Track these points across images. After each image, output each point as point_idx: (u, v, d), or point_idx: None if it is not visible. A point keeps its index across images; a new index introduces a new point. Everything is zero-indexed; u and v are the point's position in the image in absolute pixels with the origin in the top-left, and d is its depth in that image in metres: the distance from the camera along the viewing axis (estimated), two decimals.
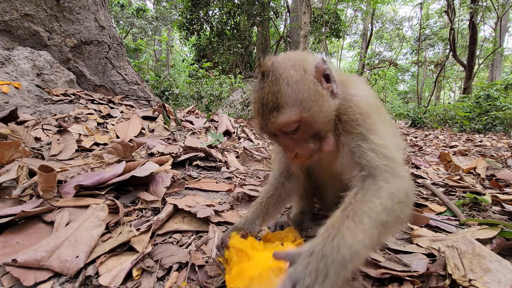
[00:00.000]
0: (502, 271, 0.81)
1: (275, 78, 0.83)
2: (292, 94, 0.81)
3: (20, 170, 1.31)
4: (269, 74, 0.84)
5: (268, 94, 0.82)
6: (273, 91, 0.82)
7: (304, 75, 0.85)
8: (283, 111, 0.81)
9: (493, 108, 9.51)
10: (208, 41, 13.96)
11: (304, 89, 0.83)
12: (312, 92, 0.83)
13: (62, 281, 0.81)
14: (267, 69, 0.85)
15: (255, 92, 0.87)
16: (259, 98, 0.84)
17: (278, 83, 0.82)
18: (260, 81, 0.86)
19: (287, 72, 0.83)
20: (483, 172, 2.34)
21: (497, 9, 15.95)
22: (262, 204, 1.07)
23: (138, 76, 4.82)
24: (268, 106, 0.82)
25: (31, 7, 3.49)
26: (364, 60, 22.02)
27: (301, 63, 0.87)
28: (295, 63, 0.86)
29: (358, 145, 0.83)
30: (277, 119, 0.82)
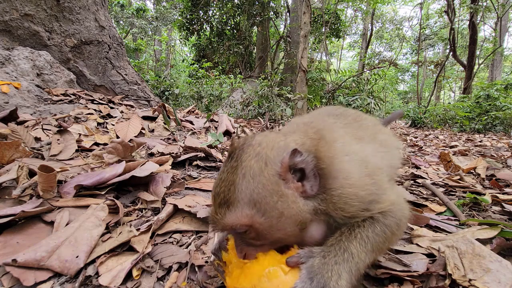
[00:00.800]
0: (502, 271, 0.81)
1: (236, 165, 0.68)
2: (246, 190, 0.66)
3: (20, 170, 1.31)
4: (233, 157, 0.70)
5: (223, 183, 0.68)
6: (228, 181, 0.67)
7: (264, 169, 0.67)
8: (232, 210, 0.66)
9: (493, 108, 9.51)
10: (208, 41, 13.97)
11: (259, 187, 0.66)
12: (268, 193, 0.66)
13: (62, 281, 0.81)
14: (235, 149, 0.71)
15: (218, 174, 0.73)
16: (215, 184, 0.71)
17: (236, 172, 0.67)
18: (225, 162, 0.73)
19: (248, 161, 0.68)
20: (483, 172, 2.34)
21: (497, 9, 15.94)
22: None
23: (138, 76, 4.82)
24: (219, 198, 0.68)
25: (31, 7, 3.49)
26: (364, 60, 22.02)
27: (266, 151, 0.70)
28: (260, 151, 0.70)
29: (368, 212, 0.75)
30: (224, 217, 0.67)
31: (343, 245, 0.68)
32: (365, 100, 8.46)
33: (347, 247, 0.68)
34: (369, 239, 0.70)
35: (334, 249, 0.67)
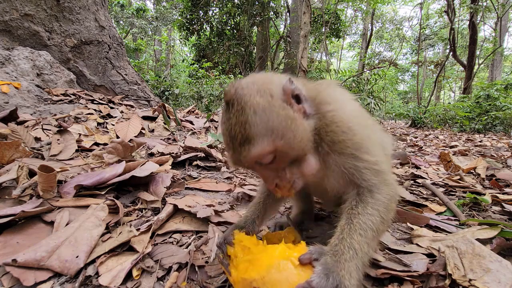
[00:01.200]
0: (502, 271, 0.81)
1: (241, 107, 0.75)
2: (261, 123, 0.74)
3: (20, 170, 1.31)
4: (234, 103, 0.76)
5: (236, 126, 0.74)
6: (240, 122, 0.74)
7: (272, 100, 0.77)
8: (255, 143, 0.74)
9: (493, 108, 9.51)
10: (208, 41, 13.97)
11: (273, 116, 0.75)
12: (282, 118, 0.76)
13: (62, 281, 0.81)
14: (231, 97, 0.77)
15: (222, 124, 0.80)
16: (227, 131, 0.77)
17: (245, 112, 0.74)
18: (225, 111, 0.79)
19: (253, 99, 0.76)
20: (483, 172, 2.34)
21: (497, 9, 15.95)
22: (260, 204, 1.07)
23: (138, 76, 4.82)
24: (238, 138, 0.75)
25: (31, 7, 3.49)
26: (364, 60, 22.02)
27: (266, 87, 0.79)
28: (260, 87, 0.78)
29: (355, 166, 0.83)
30: (249, 153, 0.74)
31: (346, 243, 0.73)
32: (365, 100, 8.46)
33: (351, 244, 0.73)
34: (368, 226, 0.76)
35: (340, 248, 0.72)
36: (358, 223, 0.76)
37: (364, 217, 0.77)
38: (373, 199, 0.81)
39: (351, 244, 0.73)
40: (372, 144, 0.87)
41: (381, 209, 0.79)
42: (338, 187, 0.88)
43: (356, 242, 0.73)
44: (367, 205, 0.80)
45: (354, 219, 0.77)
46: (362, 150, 0.84)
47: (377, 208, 0.79)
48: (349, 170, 0.83)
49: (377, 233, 0.77)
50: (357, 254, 0.71)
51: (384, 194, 0.82)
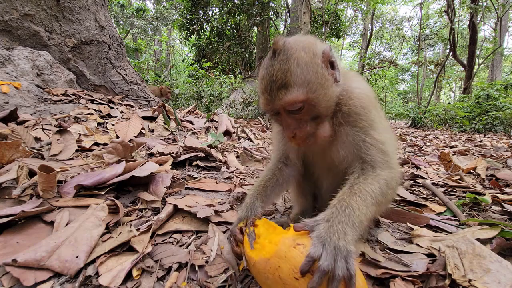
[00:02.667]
0: (502, 271, 0.81)
1: (286, 58, 0.85)
2: (301, 74, 0.85)
3: (20, 170, 1.31)
4: (280, 52, 0.86)
5: (278, 72, 0.85)
6: (283, 70, 0.84)
7: (313, 58, 0.88)
8: (291, 90, 0.84)
9: (493, 108, 9.50)
10: (208, 41, 13.96)
11: (312, 71, 0.86)
12: (319, 75, 0.87)
13: (62, 281, 0.81)
14: (279, 47, 0.87)
15: (264, 69, 0.89)
16: (268, 75, 0.87)
17: (289, 62, 0.85)
18: (270, 58, 0.88)
19: (298, 53, 0.86)
20: (483, 172, 2.34)
21: (497, 9, 15.94)
22: (260, 186, 1.10)
23: (138, 76, 4.82)
24: (277, 83, 0.85)
25: (31, 7, 3.49)
26: (364, 60, 22.02)
27: (311, 46, 0.90)
28: (305, 45, 0.89)
29: (363, 140, 0.92)
30: (284, 96, 0.85)
31: (344, 203, 0.78)
32: None
33: (349, 203, 0.78)
34: (368, 192, 0.82)
35: (336, 209, 0.77)
36: (359, 189, 0.83)
37: (365, 185, 0.84)
38: (375, 173, 0.88)
39: (349, 203, 0.78)
40: (382, 127, 0.96)
41: (381, 183, 0.86)
42: (344, 158, 0.96)
43: (355, 202, 0.78)
44: (368, 176, 0.87)
45: (355, 186, 0.84)
46: (373, 127, 0.93)
47: (378, 180, 0.86)
48: (357, 143, 0.92)
49: (375, 202, 0.82)
50: (354, 212, 0.76)
51: (386, 172, 0.89)
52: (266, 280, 0.74)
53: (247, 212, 1.00)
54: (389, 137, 0.98)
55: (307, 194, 1.33)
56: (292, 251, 0.70)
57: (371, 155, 0.91)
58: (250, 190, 1.11)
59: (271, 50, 0.89)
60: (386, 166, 0.91)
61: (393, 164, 0.93)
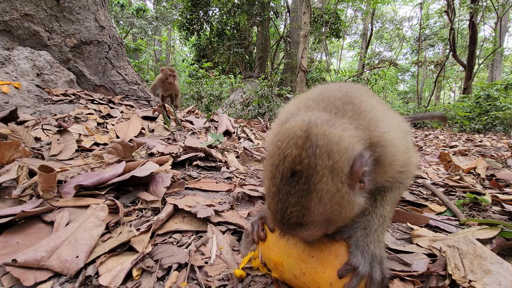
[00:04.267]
0: (503, 273, 0.81)
1: (307, 188, 0.63)
2: (322, 213, 0.66)
3: (20, 170, 1.31)
4: (302, 177, 0.63)
5: (294, 207, 0.64)
6: (301, 205, 0.64)
7: (341, 187, 0.65)
8: (308, 229, 0.67)
9: (493, 108, 9.51)
10: (208, 41, 13.97)
11: (336, 206, 0.66)
12: (344, 208, 0.68)
13: (62, 281, 0.81)
14: (302, 169, 0.63)
15: (275, 187, 0.67)
16: (280, 203, 0.66)
17: (310, 196, 0.63)
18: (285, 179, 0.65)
19: (323, 184, 0.63)
20: (483, 172, 2.34)
21: (497, 9, 15.94)
22: None
23: (138, 76, 4.82)
24: (291, 220, 0.66)
25: (31, 7, 3.49)
26: (364, 60, 22.01)
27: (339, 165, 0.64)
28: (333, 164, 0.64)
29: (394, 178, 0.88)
30: (298, 234, 0.69)
31: (379, 212, 0.83)
32: None
33: (382, 213, 0.84)
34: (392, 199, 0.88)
35: (371, 217, 0.82)
36: (389, 197, 0.88)
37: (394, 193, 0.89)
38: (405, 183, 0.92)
39: (382, 213, 0.83)
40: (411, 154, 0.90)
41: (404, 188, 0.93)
42: None
43: (386, 211, 0.85)
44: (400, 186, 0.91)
45: (387, 193, 0.88)
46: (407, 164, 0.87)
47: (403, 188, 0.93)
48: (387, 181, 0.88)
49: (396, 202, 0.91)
50: (385, 220, 0.83)
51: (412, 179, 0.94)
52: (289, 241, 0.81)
53: None
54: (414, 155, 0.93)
55: None
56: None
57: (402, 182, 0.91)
58: None
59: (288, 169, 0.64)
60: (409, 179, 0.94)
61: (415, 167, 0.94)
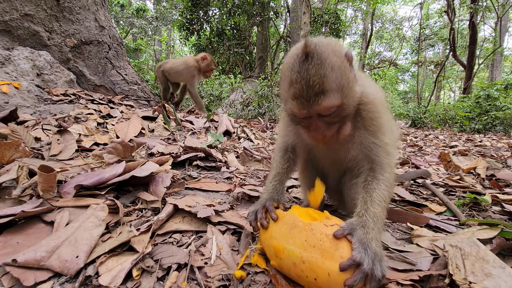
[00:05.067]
0: (504, 277, 0.80)
1: (320, 62, 0.83)
2: (336, 79, 0.84)
3: (20, 170, 1.31)
4: (314, 56, 0.84)
5: (315, 77, 0.82)
6: (319, 74, 0.82)
7: (343, 61, 0.88)
8: (329, 95, 0.84)
9: (493, 108, 9.50)
10: (208, 41, 13.95)
11: (343, 75, 0.86)
12: (349, 79, 0.88)
13: (62, 281, 0.81)
14: (312, 50, 0.84)
15: (296, 73, 0.85)
16: (303, 79, 0.83)
17: (324, 67, 0.83)
18: (302, 61, 0.85)
19: (331, 57, 0.85)
20: (483, 172, 2.34)
21: (497, 9, 15.94)
22: (283, 174, 1.20)
23: (138, 76, 4.82)
24: (314, 88, 0.83)
25: (31, 7, 3.49)
26: (364, 60, 22.01)
27: (338, 49, 0.89)
28: (334, 48, 0.88)
29: (373, 143, 0.98)
30: (322, 102, 0.84)
31: (371, 213, 0.88)
32: None
33: (375, 212, 0.88)
34: (382, 199, 0.92)
35: (366, 217, 0.87)
36: (377, 196, 0.92)
37: (380, 192, 0.93)
38: (384, 177, 0.97)
39: (374, 213, 0.88)
40: (389, 130, 1.03)
41: (388, 186, 0.96)
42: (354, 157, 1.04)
43: (378, 211, 0.89)
44: (379, 181, 0.96)
45: (372, 193, 0.93)
46: (382, 131, 0.99)
47: (387, 184, 0.96)
48: (368, 145, 0.99)
49: (386, 204, 0.94)
50: (378, 220, 0.87)
51: (391, 174, 0.99)
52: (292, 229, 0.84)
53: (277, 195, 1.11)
54: (393, 139, 1.06)
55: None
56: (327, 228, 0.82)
57: (379, 156, 0.98)
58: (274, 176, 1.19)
59: (302, 53, 0.85)
60: (389, 166, 0.99)
61: (393, 163, 1.02)
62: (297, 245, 0.80)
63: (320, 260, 0.76)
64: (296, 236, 0.82)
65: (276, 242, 0.86)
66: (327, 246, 0.78)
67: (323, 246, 0.77)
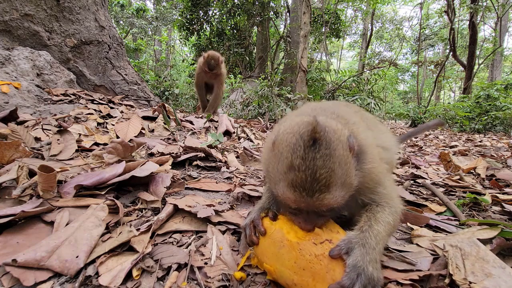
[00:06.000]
0: (504, 278, 0.80)
1: (329, 153, 0.74)
2: (342, 176, 0.76)
3: (20, 170, 1.31)
4: (322, 144, 0.75)
5: (322, 170, 0.73)
6: (327, 168, 0.73)
7: (348, 154, 0.79)
8: (333, 193, 0.75)
9: (493, 108, 9.50)
10: (208, 41, 13.94)
11: (349, 172, 0.79)
12: (352, 175, 0.80)
13: (62, 281, 0.81)
14: (321, 137, 0.75)
15: (299, 158, 0.74)
16: (308, 169, 0.73)
17: (332, 160, 0.74)
18: (309, 147, 0.75)
19: (339, 149, 0.76)
20: (483, 172, 2.34)
21: (497, 9, 15.94)
22: None
23: (138, 76, 4.82)
24: (320, 183, 0.74)
25: (31, 7, 3.49)
26: (364, 60, 22.01)
27: (343, 139, 0.80)
28: (340, 138, 0.79)
29: (371, 198, 0.93)
30: (324, 200, 0.75)
31: (374, 230, 0.82)
32: (365, 100, 8.46)
33: (378, 230, 0.82)
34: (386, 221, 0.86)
35: (369, 234, 0.80)
36: (381, 218, 0.87)
37: (384, 215, 0.88)
38: (389, 205, 0.92)
39: (378, 232, 0.81)
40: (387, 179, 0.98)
41: (394, 214, 0.90)
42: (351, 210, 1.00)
43: (382, 231, 0.82)
44: (384, 208, 0.91)
45: (377, 214, 0.88)
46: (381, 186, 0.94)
47: (391, 211, 0.91)
48: (365, 202, 0.94)
49: (390, 230, 0.86)
50: (381, 241, 0.81)
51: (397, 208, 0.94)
52: (280, 249, 0.81)
53: (269, 204, 1.04)
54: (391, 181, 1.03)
55: None
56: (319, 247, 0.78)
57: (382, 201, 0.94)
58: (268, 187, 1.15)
59: (309, 137, 0.75)
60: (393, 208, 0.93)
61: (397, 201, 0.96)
62: (287, 267, 0.78)
63: (312, 284, 0.74)
64: (285, 257, 0.79)
65: (268, 262, 0.84)
66: (317, 268, 0.74)
67: (313, 268, 0.74)
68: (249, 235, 0.92)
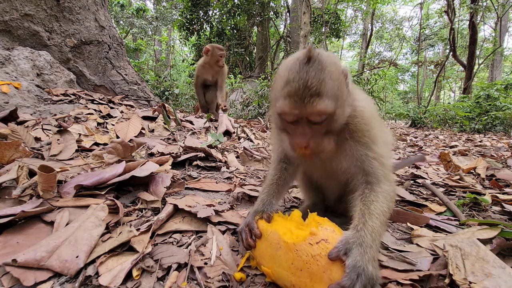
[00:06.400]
0: (504, 278, 0.80)
1: (321, 67, 0.85)
2: (333, 88, 0.86)
3: (20, 170, 1.31)
4: (315, 61, 0.85)
5: (314, 79, 0.83)
6: (318, 78, 0.83)
7: (341, 74, 0.91)
8: (324, 99, 0.84)
9: (493, 108, 9.50)
10: (208, 41, 13.94)
11: (340, 87, 0.88)
12: (344, 92, 0.90)
13: (62, 281, 0.81)
14: (314, 56, 0.86)
15: (295, 72, 0.85)
16: (301, 79, 0.83)
17: (324, 73, 0.84)
18: (303, 63, 0.85)
19: (331, 67, 0.87)
20: (483, 172, 2.34)
21: (497, 9, 15.94)
22: (273, 185, 1.15)
23: (138, 76, 4.82)
24: (311, 89, 0.83)
25: (31, 7, 3.49)
26: (364, 60, 22.02)
27: (337, 63, 0.92)
28: (333, 61, 0.90)
29: (366, 154, 0.97)
30: (316, 105, 0.84)
31: (369, 227, 0.83)
32: None
33: (373, 227, 0.84)
34: (381, 212, 0.88)
35: (364, 232, 0.82)
36: (375, 209, 0.88)
37: (378, 204, 0.90)
38: (382, 189, 0.94)
39: (373, 227, 0.83)
40: (382, 141, 1.03)
41: (388, 199, 0.93)
42: (347, 170, 1.02)
43: (377, 226, 0.84)
44: (378, 194, 0.93)
45: (370, 205, 0.89)
46: (374, 142, 0.98)
47: (386, 197, 0.93)
48: (360, 157, 0.97)
49: (385, 218, 0.90)
50: (377, 236, 0.83)
51: (390, 187, 0.96)
52: (277, 251, 0.81)
53: (264, 207, 1.05)
54: (387, 151, 1.05)
55: (315, 189, 1.38)
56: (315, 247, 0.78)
57: (373, 167, 0.96)
58: (263, 189, 1.16)
59: (304, 56, 0.86)
60: (386, 179, 0.97)
61: (391, 177, 1.00)
62: (285, 268, 0.78)
63: (309, 284, 0.74)
64: (282, 259, 0.80)
65: (265, 264, 0.85)
66: (314, 268, 0.74)
67: (311, 269, 0.74)
68: (245, 239, 0.94)
